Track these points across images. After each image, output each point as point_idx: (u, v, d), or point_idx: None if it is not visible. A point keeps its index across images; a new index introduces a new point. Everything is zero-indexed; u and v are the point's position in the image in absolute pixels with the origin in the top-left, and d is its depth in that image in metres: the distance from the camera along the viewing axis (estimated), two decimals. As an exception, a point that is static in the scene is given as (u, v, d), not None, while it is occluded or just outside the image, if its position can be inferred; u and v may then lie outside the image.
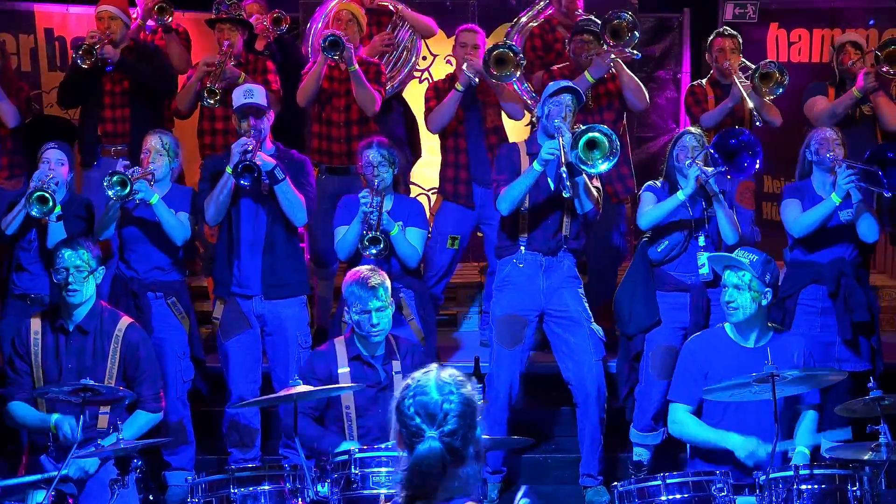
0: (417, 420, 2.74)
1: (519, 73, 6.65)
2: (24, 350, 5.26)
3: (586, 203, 5.84)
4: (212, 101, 6.72)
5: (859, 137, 6.77)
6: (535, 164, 5.74)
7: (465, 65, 6.69)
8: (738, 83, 6.80)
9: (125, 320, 5.33)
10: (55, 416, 5.11)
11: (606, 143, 5.64)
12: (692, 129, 6.11)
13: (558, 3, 7.34)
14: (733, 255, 5.07)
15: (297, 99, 6.94)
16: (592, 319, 5.97)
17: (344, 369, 5.11)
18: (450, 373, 2.81)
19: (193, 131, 7.23)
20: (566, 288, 5.95)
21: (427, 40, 7.75)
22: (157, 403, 5.31)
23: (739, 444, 4.87)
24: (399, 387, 4.98)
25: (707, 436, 4.99)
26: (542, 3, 7.35)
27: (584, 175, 5.78)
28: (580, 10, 7.33)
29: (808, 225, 5.92)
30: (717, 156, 5.86)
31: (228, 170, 5.83)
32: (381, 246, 5.78)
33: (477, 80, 6.68)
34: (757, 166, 6.02)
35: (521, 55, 6.64)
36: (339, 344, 5.20)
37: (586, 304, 5.98)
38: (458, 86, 6.72)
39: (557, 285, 5.94)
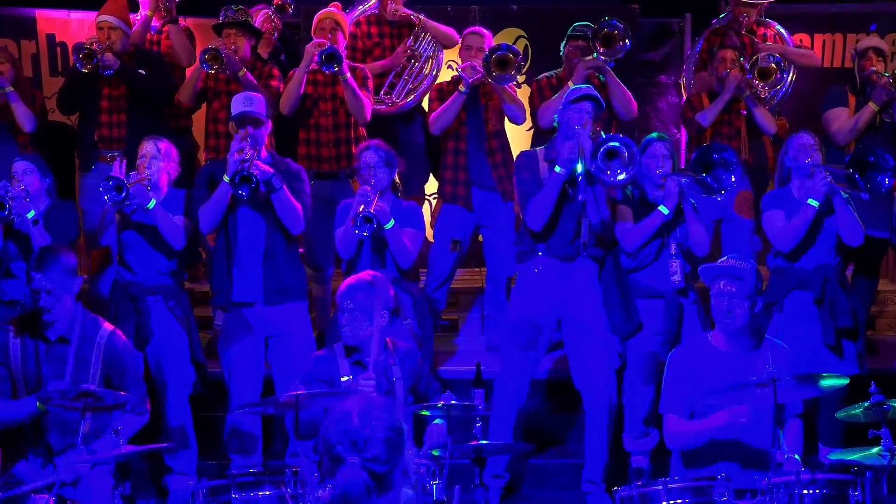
0: (339, 448, 2.74)
1: (519, 75, 6.67)
2: (3, 356, 5.26)
3: (603, 210, 5.82)
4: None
5: (879, 145, 6.76)
6: (557, 168, 5.69)
7: (465, 66, 6.71)
8: (730, 72, 6.94)
9: (106, 327, 5.33)
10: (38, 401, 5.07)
11: (626, 154, 5.61)
12: (658, 135, 6.08)
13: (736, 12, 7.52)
14: (730, 264, 5.05)
15: (280, 106, 6.95)
16: (609, 329, 5.92)
17: (346, 377, 5.12)
18: (376, 399, 2.83)
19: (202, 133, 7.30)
20: (584, 295, 5.89)
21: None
22: (143, 406, 5.32)
23: (725, 415, 4.79)
24: (399, 394, 5.06)
25: (696, 429, 4.90)
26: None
27: (600, 184, 5.76)
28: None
29: (794, 236, 5.91)
30: (687, 179, 5.87)
31: (226, 178, 5.84)
32: (374, 225, 5.79)
33: (475, 78, 6.67)
34: (732, 180, 5.99)
35: (522, 56, 6.65)
36: (340, 349, 5.21)
37: (604, 314, 5.91)
38: (462, 87, 6.74)
39: (575, 293, 5.88)
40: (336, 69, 6.67)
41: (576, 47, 6.96)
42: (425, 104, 7.56)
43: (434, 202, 8.03)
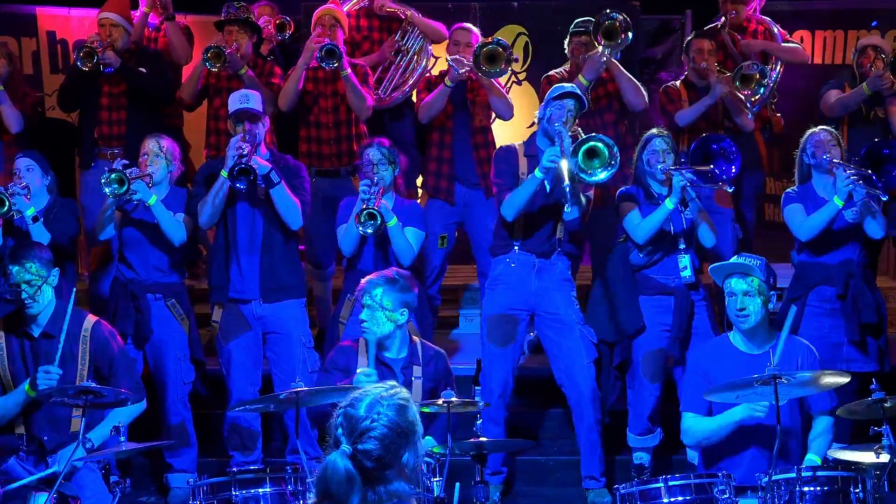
0: (339, 431, 2.72)
1: (509, 69, 6.66)
2: None
3: (574, 210, 5.81)
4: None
5: (871, 139, 6.76)
6: (537, 172, 5.71)
7: (454, 58, 6.71)
8: (717, 81, 6.91)
9: (90, 319, 5.30)
10: (26, 383, 5.07)
11: (606, 153, 5.61)
12: (658, 131, 6.09)
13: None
14: (738, 260, 5.05)
15: (279, 103, 6.93)
16: (584, 322, 5.97)
17: (361, 369, 5.11)
18: (393, 393, 2.75)
19: (202, 131, 7.27)
20: (558, 290, 5.95)
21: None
22: (139, 394, 5.29)
23: (743, 409, 4.79)
24: (417, 393, 5.05)
25: (714, 425, 4.92)
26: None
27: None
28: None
29: (814, 227, 5.90)
30: (690, 172, 5.87)
31: (224, 173, 5.84)
32: (378, 223, 5.79)
33: (463, 70, 6.65)
34: (733, 171, 6.02)
35: (511, 51, 6.65)
36: (362, 343, 5.21)
37: (577, 307, 5.98)
38: (448, 81, 6.73)
39: (549, 287, 5.94)
40: (336, 65, 6.66)
41: (579, 43, 6.96)
42: (414, 98, 7.56)
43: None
